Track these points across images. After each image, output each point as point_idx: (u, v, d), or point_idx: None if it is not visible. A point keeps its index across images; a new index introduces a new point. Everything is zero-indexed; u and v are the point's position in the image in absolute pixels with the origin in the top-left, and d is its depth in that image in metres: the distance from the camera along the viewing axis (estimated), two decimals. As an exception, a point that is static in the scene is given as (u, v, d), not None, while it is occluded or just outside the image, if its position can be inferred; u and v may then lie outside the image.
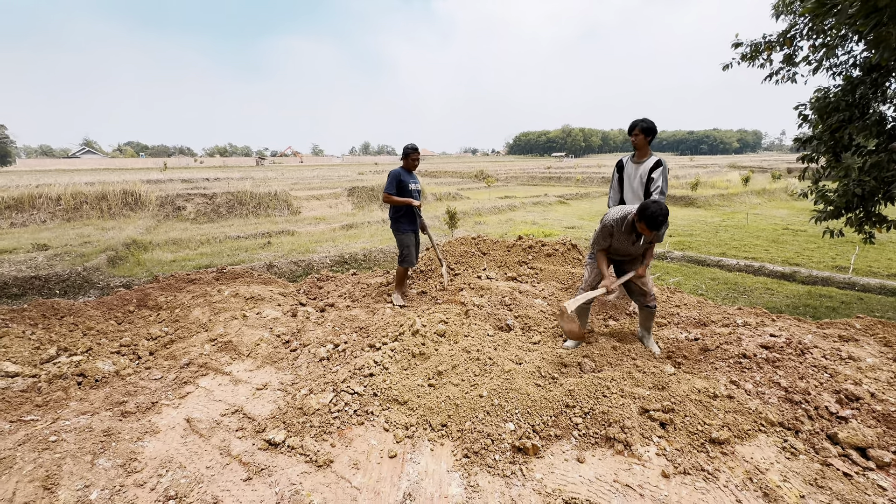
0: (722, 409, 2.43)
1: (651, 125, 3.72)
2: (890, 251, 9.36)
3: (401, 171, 4.49)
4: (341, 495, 2.03)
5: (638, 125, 3.73)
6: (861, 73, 5.13)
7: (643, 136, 3.73)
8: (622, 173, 3.99)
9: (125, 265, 8.32)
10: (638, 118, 3.77)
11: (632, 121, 3.78)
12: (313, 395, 2.71)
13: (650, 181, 3.74)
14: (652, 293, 3.22)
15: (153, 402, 2.81)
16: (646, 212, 2.74)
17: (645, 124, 3.72)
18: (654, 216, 2.71)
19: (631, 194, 3.90)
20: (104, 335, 3.77)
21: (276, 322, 3.96)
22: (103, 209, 13.17)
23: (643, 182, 3.78)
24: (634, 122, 3.77)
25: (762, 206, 17.53)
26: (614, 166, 4.09)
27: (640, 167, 3.82)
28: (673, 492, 1.97)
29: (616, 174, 4.06)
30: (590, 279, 3.29)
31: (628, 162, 3.95)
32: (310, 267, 8.17)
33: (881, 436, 2.19)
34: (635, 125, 3.75)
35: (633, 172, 3.86)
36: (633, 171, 3.87)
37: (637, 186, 3.83)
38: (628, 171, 3.92)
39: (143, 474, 2.15)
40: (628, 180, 3.92)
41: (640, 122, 3.73)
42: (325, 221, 13.33)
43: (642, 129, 3.72)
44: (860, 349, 3.06)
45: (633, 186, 3.87)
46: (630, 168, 3.91)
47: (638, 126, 3.73)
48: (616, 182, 4.07)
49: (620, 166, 4.02)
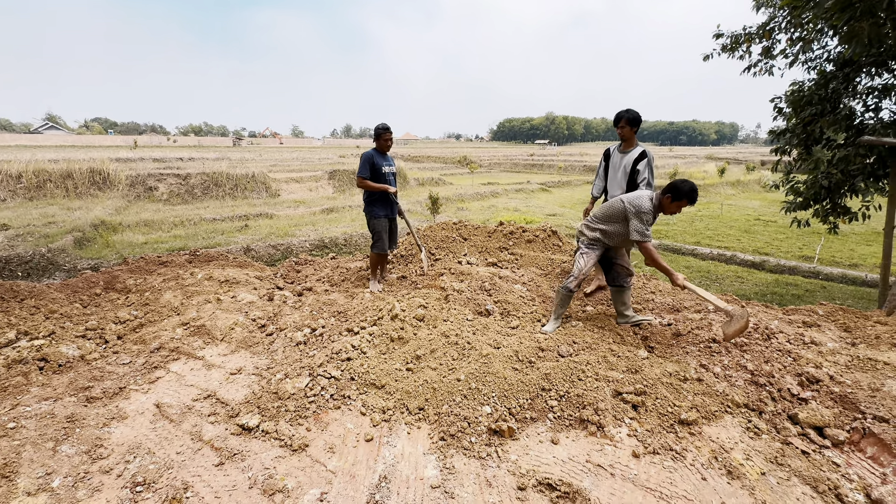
0: (691, 391, 2.50)
1: (636, 116, 3.75)
2: (852, 242, 9.80)
3: (373, 152, 4.31)
4: (316, 479, 2.01)
5: (623, 116, 3.75)
6: (834, 68, 5.25)
7: (629, 127, 3.76)
8: (608, 162, 4.03)
9: (93, 247, 7.99)
10: (622, 109, 3.79)
11: (617, 112, 3.80)
12: (289, 379, 2.67)
13: (635, 172, 3.78)
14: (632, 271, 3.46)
15: (121, 387, 2.72)
16: (683, 188, 2.96)
17: (630, 115, 3.74)
18: (695, 189, 2.97)
19: (615, 183, 3.93)
20: (68, 318, 3.62)
21: (251, 306, 3.87)
22: (69, 188, 12.55)
23: (627, 172, 3.82)
24: (620, 114, 3.78)
25: (736, 197, 18.05)
26: (602, 155, 4.11)
27: (625, 157, 3.85)
28: (642, 471, 2.03)
29: (603, 162, 4.09)
30: (586, 268, 3.30)
31: (615, 151, 3.98)
32: (289, 251, 8.02)
33: (837, 416, 2.30)
34: (621, 117, 3.77)
35: (619, 162, 3.89)
36: (618, 160, 3.90)
37: (621, 176, 3.87)
38: (614, 160, 3.95)
39: (110, 461, 2.08)
40: (613, 169, 3.96)
41: (625, 113, 3.75)
42: (304, 205, 13.06)
43: (628, 120, 3.74)
44: (822, 334, 3.20)
45: (616, 176, 3.91)
46: (616, 157, 3.94)
47: (624, 118, 3.75)
48: (602, 170, 4.11)
49: (607, 155, 4.05)
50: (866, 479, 1.98)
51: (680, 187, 2.98)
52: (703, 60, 6.07)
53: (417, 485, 1.99)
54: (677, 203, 3.03)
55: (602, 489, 1.93)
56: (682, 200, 3.01)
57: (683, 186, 2.98)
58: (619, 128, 3.80)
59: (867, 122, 5.14)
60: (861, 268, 7.77)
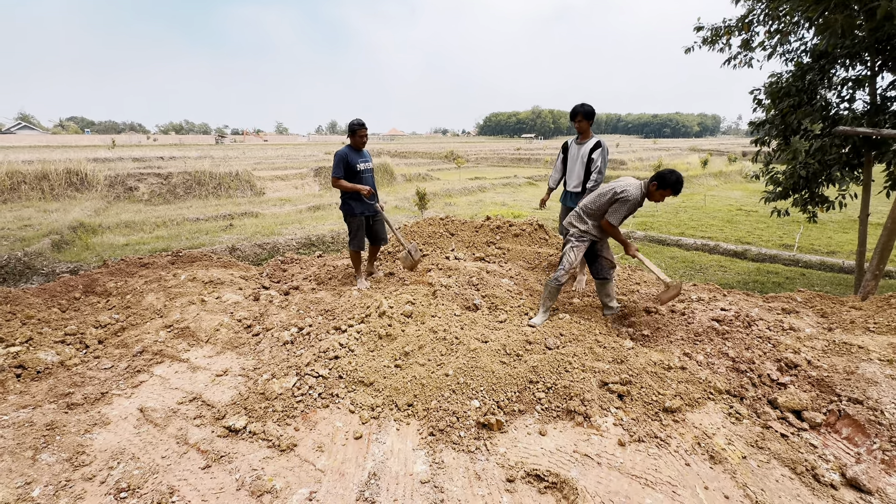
0: (675, 379, 2.55)
1: (590, 109, 3.98)
2: (829, 230, 10.07)
3: (347, 150, 4.18)
4: (305, 478, 2.01)
5: (580, 111, 3.97)
6: (811, 59, 5.36)
7: (585, 120, 3.97)
8: (567, 154, 4.25)
9: (72, 250, 7.78)
10: (578, 104, 4.01)
11: (573, 107, 4.03)
12: (276, 379, 2.65)
13: (590, 161, 4.00)
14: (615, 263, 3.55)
15: (103, 392, 2.66)
16: (670, 178, 3.05)
17: (585, 109, 3.96)
18: (678, 181, 3.05)
19: (573, 173, 4.16)
20: (46, 324, 3.52)
21: (237, 306, 3.82)
22: (45, 190, 12.18)
23: (584, 162, 4.04)
24: (576, 108, 4.00)
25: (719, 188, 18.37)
26: (560, 147, 4.33)
27: (582, 148, 4.07)
28: (628, 459, 2.07)
29: (561, 154, 4.32)
30: (575, 261, 3.38)
31: (573, 144, 4.19)
32: (275, 249, 7.92)
33: (815, 399, 2.37)
34: (577, 111, 3.99)
35: (577, 153, 4.11)
36: (576, 151, 4.12)
37: (579, 167, 4.09)
38: (572, 152, 4.17)
39: (92, 467, 2.05)
40: (571, 161, 4.18)
41: (581, 108, 3.97)
42: (290, 203, 12.90)
43: (584, 114, 3.96)
44: (800, 320, 3.29)
45: (575, 167, 4.14)
46: (574, 149, 4.16)
47: (580, 112, 3.96)
48: (560, 162, 4.32)
49: (566, 147, 4.27)
50: (842, 459, 2.05)
51: (667, 177, 3.08)
52: (684, 53, 6.14)
53: (407, 480, 1.99)
54: (662, 192, 3.13)
55: (589, 478, 1.96)
56: (666, 189, 3.10)
57: (670, 177, 3.07)
58: (576, 122, 4.02)
59: (842, 112, 5.26)
60: (838, 255, 7.99)
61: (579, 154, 4.07)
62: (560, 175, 4.33)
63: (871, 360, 2.52)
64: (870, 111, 4.94)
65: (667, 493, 1.88)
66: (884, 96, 4.98)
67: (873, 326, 3.00)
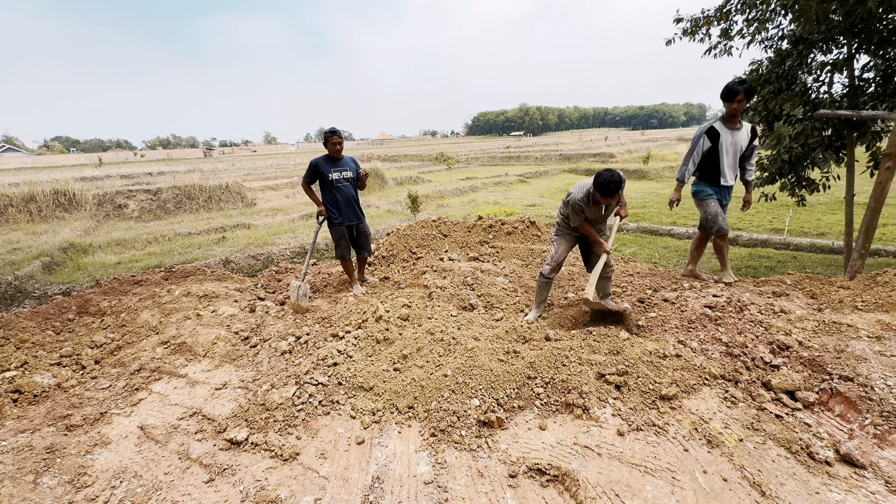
0: (671, 367, 2.59)
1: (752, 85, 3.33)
2: (818, 212, 10.20)
3: (321, 159, 4.17)
4: (309, 486, 2.01)
5: (740, 90, 3.30)
6: (789, 46, 5.44)
7: (748, 100, 3.40)
8: (717, 142, 3.55)
9: (63, 271, 7.71)
10: (734, 80, 3.32)
11: (729, 85, 3.34)
12: (276, 389, 2.65)
13: (752, 150, 3.59)
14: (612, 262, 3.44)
15: (102, 412, 2.65)
16: (597, 179, 2.88)
17: (746, 86, 3.29)
18: (605, 183, 2.83)
19: (732, 165, 3.62)
20: (41, 347, 3.50)
21: (233, 319, 3.81)
22: (32, 212, 12.06)
23: (738, 152, 3.55)
24: (732, 87, 3.32)
25: (708, 176, 18.51)
26: (702, 134, 3.61)
27: (738, 135, 3.50)
28: (627, 448, 2.09)
29: (707, 143, 3.58)
30: (556, 255, 3.41)
31: (724, 129, 3.52)
32: (269, 260, 7.90)
33: (807, 379, 2.42)
34: (735, 90, 3.30)
35: (731, 140, 3.52)
36: (731, 139, 3.52)
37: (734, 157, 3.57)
38: (726, 139, 3.53)
39: (95, 488, 2.04)
40: (725, 150, 3.55)
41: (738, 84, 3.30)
42: (283, 212, 12.86)
43: (747, 91, 3.29)
44: (790, 303, 3.34)
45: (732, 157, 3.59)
46: (727, 136, 3.51)
47: (741, 91, 3.29)
48: (700, 153, 3.63)
49: (714, 133, 3.55)
50: (835, 436, 2.09)
51: (596, 177, 2.89)
52: (665, 45, 6.21)
53: (411, 482, 2.01)
54: (595, 193, 2.93)
55: (590, 469, 1.99)
56: (595, 191, 2.90)
57: (596, 179, 2.88)
58: (735, 101, 3.36)
59: (821, 96, 5.35)
60: (828, 236, 8.10)
61: (737, 142, 3.49)
62: (695, 168, 3.72)
63: (859, 338, 2.57)
64: (848, 93, 5.02)
65: (666, 479, 1.91)
66: (861, 78, 5.07)
67: (861, 305, 3.06)
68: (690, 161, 3.70)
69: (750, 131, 3.58)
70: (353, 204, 4.30)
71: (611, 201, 2.98)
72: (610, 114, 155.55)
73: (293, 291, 4.01)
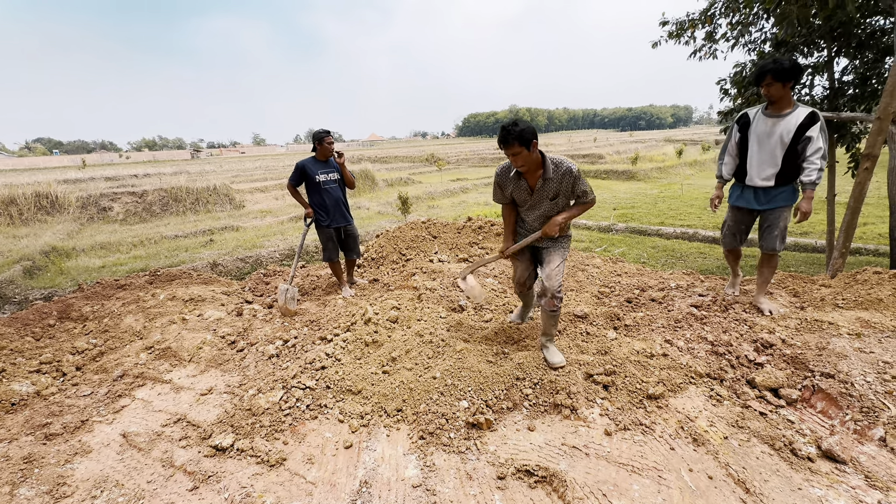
0: (658, 366, 2.61)
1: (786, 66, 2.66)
2: (801, 212, 10.39)
3: (308, 160, 4.15)
4: (296, 492, 1.99)
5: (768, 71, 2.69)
6: (772, 48, 5.55)
7: (778, 83, 2.70)
8: (747, 131, 2.98)
9: (45, 275, 7.54)
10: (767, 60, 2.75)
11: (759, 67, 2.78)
12: (262, 394, 2.62)
13: (805, 141, 2.73)
14: (553, 289, 2.52)
15: (83, 420, 2.59)
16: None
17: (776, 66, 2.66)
18: (502, 128, 2.21)
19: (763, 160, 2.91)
20: (19, 353, 3.41)
21: (219, 323, 3.76)
22: (13, 215, 11.78)
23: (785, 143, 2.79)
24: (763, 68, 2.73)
25: (694, 177, 18.80)
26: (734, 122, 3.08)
27: (779, 123, 2.80)
28: (615, 447, 2.11)
29: (737, 133, 3.04)
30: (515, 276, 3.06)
31: (759, 116, 2.91)
32: (258, 263, 7.82)
33: (790, 376, 2.46)
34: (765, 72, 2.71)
35: (767, 129, 2.85)
36: (766, 127, 2.86)
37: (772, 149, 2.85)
38: (759, 128, 2.90)
39: (74, 498, 1.99)
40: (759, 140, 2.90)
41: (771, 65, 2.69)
42: (271, 214, 12.74)
43: (774, 73, 2.66)
44: (774, 301, 3.39)
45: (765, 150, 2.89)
46: (762, 124, 2.88)
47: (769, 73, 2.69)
48: (735, 144, 3.06)
49: (745, 121, 2.98)
50: (817, 432, 2.13)
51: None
52: (651, 48, 6.29)
53: (399, 486, 2.00)
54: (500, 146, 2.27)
55: (578, 469, 1.99)
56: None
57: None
58: (762, 86, 2.79)
59: (803, 98, 5.46)
60: (811, 235, 8.27)
61: (777, 132, 2.79)
62: (734, 161, 3.12)
63: (840, 335, 2.62)
64: (829, 96, 5.14)
65: (653, 477, 1.93)
66: (841, 81, 5.18)
67: (842, 302, 3.12)
68: (726, 154, 3.14)
69: (806, 117, 2.72)
70: (342, 206, 4.27)
71: (517, 157, 2.26)
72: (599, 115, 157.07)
73: (281, 294, 3.96)
